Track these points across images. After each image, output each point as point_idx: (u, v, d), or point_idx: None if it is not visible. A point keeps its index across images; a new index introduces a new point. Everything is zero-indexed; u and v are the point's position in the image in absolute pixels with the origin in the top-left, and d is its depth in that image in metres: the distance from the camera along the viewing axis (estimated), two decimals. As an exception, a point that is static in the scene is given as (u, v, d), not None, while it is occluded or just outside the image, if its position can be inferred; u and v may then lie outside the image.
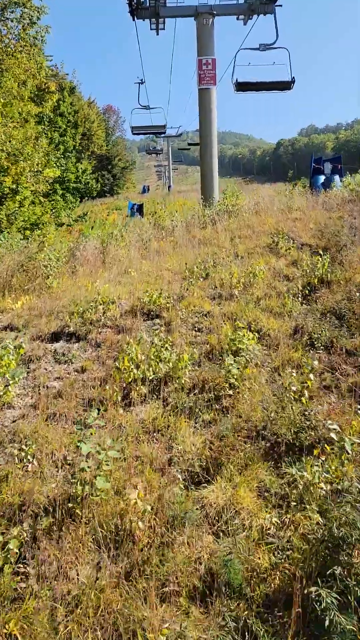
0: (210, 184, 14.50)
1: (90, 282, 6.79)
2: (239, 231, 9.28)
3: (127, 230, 9.58)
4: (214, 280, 6.72)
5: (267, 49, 13.16)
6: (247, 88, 12.97)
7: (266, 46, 13.17)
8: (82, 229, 28.98)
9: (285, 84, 13.24)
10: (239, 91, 12.95)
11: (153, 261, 8.20)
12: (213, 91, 14.25)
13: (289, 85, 13.30)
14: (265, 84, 13.06)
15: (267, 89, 13.26)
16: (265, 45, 13.17)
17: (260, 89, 13.19)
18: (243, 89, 12.99)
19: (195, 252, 8.37)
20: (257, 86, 13.07)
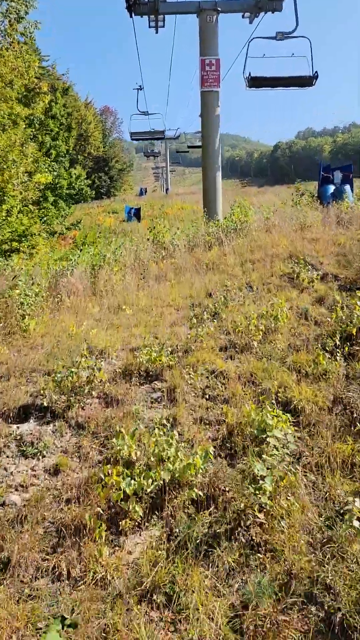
0: (214, 196, 13.36)
1: (75, 324, 5.62)
2: (249, 254, 8.13)
3: (121, 253, 8.39)
4: (225, 322, 5.57)
5: (286, 37, 11.81)
6: (262, 84, 11.59)
7: (284, 35, 11.80)
8: (76, 234, 27.78)
9: (306, 79, 11.84)
10: (251, 87, 11.58)
11: (152, 291, 7.04)
12: (217, 94, 13.12)
13: (310, 81, 11.87)
14: (283, 80, 11.71)
15: (284, 85, 11.90)
16: (283, 33, 11.79)
17: (277, 84, 11.83)
18: (257, 85, 11.63)
19: (201, 281, 7.21)
20: (273, 82, 11.70)
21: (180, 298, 6.48)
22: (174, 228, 12.38)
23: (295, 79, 11.83)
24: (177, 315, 6.05)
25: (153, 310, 6.12)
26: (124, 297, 6.59)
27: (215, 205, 13.35)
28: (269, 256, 7.88)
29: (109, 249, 8.18)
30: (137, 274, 8.32)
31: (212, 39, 12.81)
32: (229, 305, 6.01)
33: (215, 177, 13.30)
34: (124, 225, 32.51)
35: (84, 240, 16.76)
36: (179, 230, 10.12)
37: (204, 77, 12.93)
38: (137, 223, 34.35)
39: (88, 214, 42.76)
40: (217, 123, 13.17)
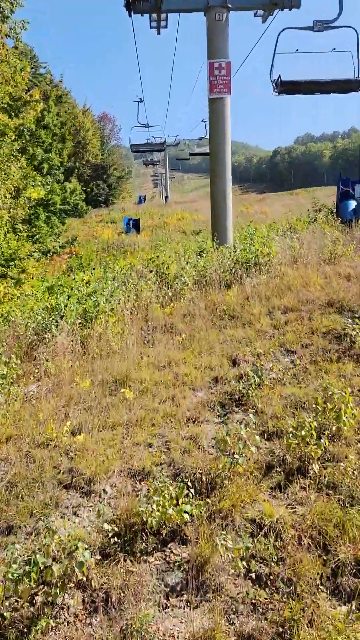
0: (224, 219, 11.83)
1: (56, 417, 4.06)
2: (277, 298, 6.59)
3: (119, 301, 6.79)
4: (262, 416, 4.03)
5: (326, 28, 9.59)
6: (294, 89, 9.55)
7: (324, 24, 9.56)
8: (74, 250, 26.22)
9: (353, 84, 9.61)
10: (281, 93, 9.55)
11: (159, 353, 5.48)
12: (227, 101, 11.65)
13: (355, 86, 9.63)
14: (323, 84, 9.51)
15: (324, 91, 9.80)
16: (323, 22, 9.55)
17: (314, 90, 9.75)
18: (288, 91, 9.60)
19: (221, 338, 5.67)
20: (309, 87, 9.61)
21: (196, 370, 4.93)
22: (180, 256, 10.88)
23: (338, 83, 9.64)
24: (194, 398, 4.50)
25: (161, 391, 4.57)
26: (123, 368, 5.03)
27: (226, 229, 11.81)
28: (303, 303, 6.33)
29: (103, 293, 6.62)
30: (139, 321, 6.77)
31: (221, 39, 11.36)
32: (264, 384, 4.46)
33: (226, 195, 11.79)
34: (122, 238, 31.07)
35: (79, 263, 15.26)
36: (187, 265, 8.57)
37: (212, 83, 11.47)
38: (136, 235, 32.96)
39: (85, 223, 41.37)
40: (227, 133, 11.70)
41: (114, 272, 10.75)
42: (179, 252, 14.78)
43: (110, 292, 6.89)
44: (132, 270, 11.35)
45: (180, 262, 8.87)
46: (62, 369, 5.32)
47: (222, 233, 11.77)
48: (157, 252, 15.68)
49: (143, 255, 18.30)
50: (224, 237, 11.81)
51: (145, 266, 12.97)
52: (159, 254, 9.99)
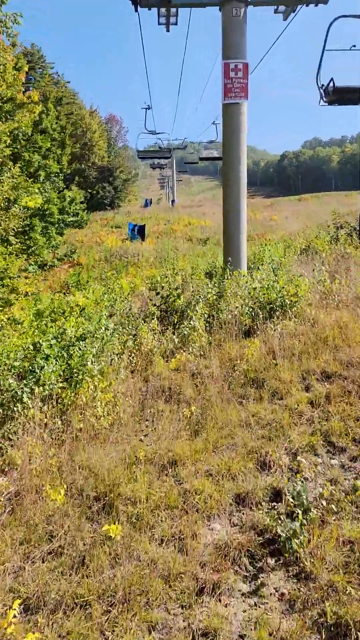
0: (237, 239, 10.44)
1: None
2: (312, 357, 5.23)
3: (111, 361, 5.41)
4: (313, 584, 2.68)
5: None
6: (351, 98, 8.24)
7: None
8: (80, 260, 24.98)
9: None
10: (332, 103, 8.24)
11: (159, 436, 4.14)
12: (244, 107, 10.32)
13: None
14: None
15: None
16: None
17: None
18: (341, 100, 8.33)
19: (241, 417, 4.32)
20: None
21: (210, 481, 3.57)
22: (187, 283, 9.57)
23: None
24: (209, 535, 3.13)
25: (162, 520, 3.22)
26: (111, 469, 3.68)
27: (239, 252, 10.42)
28: (345, 365, 4.97)
29: (92, 347, 5.25)
30: (138, 381, 5.43)
31: (238, 37, 10.04)
32: (311, 518, 3.09)
33: (239, 214, 10.41)
34: (127, 245, 29.78)
35: (76, 281, 13.92)
36: (197, 301, 7.21)
37: (227, 86, 10.15)
38: (141, 242, 31.72)
39: (90, 227, 40.17)
40: (242, 144, 10.37)
41: (112, 299, 9.43)
42: (187, 272, 13.45)
43: (102, 345, 5.53)
44: (132, 299, 10.04)
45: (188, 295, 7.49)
46: (33, 455, 4.00)
47: (235, 255, 10.41)
48: (165, 268, 14.38)
49: (146, 273, 17.02)
50: (237, 260, 10.45)
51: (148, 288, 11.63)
52: (164, 283, 8.67)
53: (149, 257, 24.32)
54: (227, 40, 10.14)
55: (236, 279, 8.48)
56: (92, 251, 27.37)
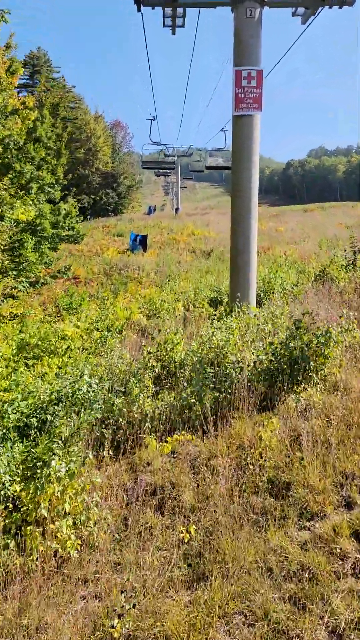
0: (246, 269, 9.17)
1: None
2: (348, 447, 4.02)
3: (83, 462, 4.14)
4: None
5: None
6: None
7: None
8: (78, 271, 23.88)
9: None
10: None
11: (147, 589, 2.94)
12: (257, 120, 9.18)
13: None
14: None
15: None
16: None
17: None
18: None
19: (259, 554, 3.12)
20: None
21: None
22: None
23: None
24: None
25: None
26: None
27: (248, 284, 9.17)
28: None
29: (61, 433, 4.03)
30: (123, 474, 4.21)
31: (252, 42, 8.93)
32: None
33: (249, 240, 9.17)
34: (127, 257, 28.63)
35: (68, 303, 12.73)
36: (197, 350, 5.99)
37: (238, 96, 9.01)
38: (143, 253, 30.60)
39: (90, 236, 39.13)
40: (254, 160, 9.21)
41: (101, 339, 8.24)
42: (189, 296, 12.26)
43: (77, 424, 4.31)
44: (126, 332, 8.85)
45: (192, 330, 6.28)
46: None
47: (242, 287, 9.19)
48: (164, 292, 13.18)
49: (145, 292, 15.86)
50: (246, 290, 9.23)
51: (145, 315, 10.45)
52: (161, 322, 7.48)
53: (149, 272, 23.17)
54: (240, 45, 9.02)
55: (245, 319, 7.28)
56: (91, 263, 26.25)
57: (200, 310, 10.58)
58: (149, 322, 10.68)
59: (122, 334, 8.85)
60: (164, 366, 6.23)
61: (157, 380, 6.06)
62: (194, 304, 11.41)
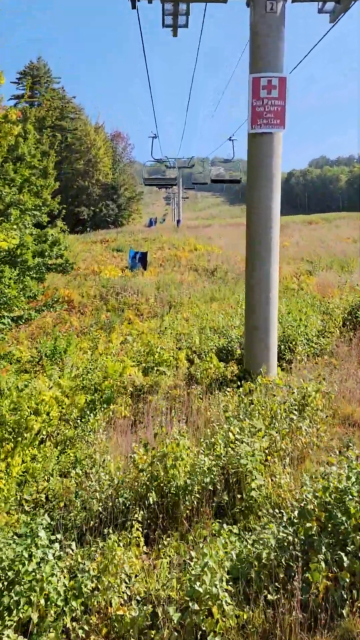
0: (265, 327, 7.32)
1: None
2: None
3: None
4: None
5: None
6: None
7: None
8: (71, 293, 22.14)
9: None
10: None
11: None
12: (278, 138, 7.42)
13: None
14: None
15: None
16: None
17: None
18: None
19: None
20: None
21: None
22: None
23: None
24: None
25: None
26: None
27: (267, 344, 7.32)
28: None
29: None
30: None
31: (273, 42, 7.21)
32: None
33: (270, 283, 7.34)
34: (126, 276, 26.86)
35: (51, 348, 10.87)
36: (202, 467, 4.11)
37: (256, 109, 7.25)
38: (143, 272, 28.88)
39: (89, 251, 37.48)
40: (276, 185, 7.42)
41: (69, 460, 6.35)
42: (193, 342, 10.40)
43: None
44: (107, 434, 6.93)
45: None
46: None
47: (258, 348, 7.34)
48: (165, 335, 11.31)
49: (143, 327, 14.00)
50: (264, 356, 7.37)
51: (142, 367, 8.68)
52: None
53: (149, 296, 21.34)
54: (257, 47, 7.27)
55: (270, 405, 5.42)
56: (87, 284, 24.50)
57: (207, 364, 8.72)
58: (146, 379, 8.82)
59: (110, 406, 6.98)
60: (162, 491, 4.36)
61: (152, 516, 4.18)
62: (200, 354, 9.56)
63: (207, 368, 8.54)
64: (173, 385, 8.45)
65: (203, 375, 8.33)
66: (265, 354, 7.35)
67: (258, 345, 7.36)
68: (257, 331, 7.39)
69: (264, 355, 7.34)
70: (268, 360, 7.43)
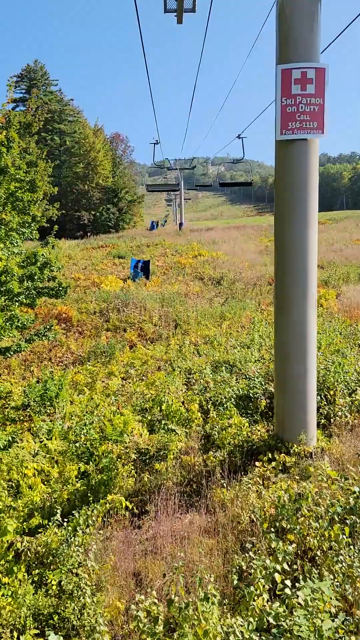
0: (302, 385, 5.78)
1: None
2: None
3: None
4: None
5: None
6: None
7: None
8: (68, 311, 20.64)
9: None
10: None
11: None
12: (315, 145, 5.88)
13: None
14: None
15: None
16: None
17: None
18: None
19: None
20: None
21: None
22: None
23: None
24: None
25: None
26: None
27: (305, 405, 5.78)
28: None
29: None
30: None
31: (307, 24, 5.66)
32: None
33: (307, 336, 5.73)
34: (128, 288, 25.30)
35: (40, 393, 9.34)
36: None
37: (286, 110, 5.71)
38: (145, 282, 27.33)
39: (89, 259, 35.99)
40: (312, 210, 5.87)
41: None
42: (208, 388, 8.84)
43: None
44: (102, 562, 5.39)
45: None
46: None
47: (292, 409, 5.79)
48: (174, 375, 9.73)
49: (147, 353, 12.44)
50: (300, 421, 5.83)
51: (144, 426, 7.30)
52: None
53: (152, 312, 19.77)
54: (287, 29, 5.70)
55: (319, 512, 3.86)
56: (87, 297, 22.97)
57: (226, 420, 7.17)
58: (152, 437, 7.27)
59: (106, 496, 5.40)
60: None
61: None
62: (215, 402, 8.00)
63: (226, 426, 6.99)
64: (185, 449, 6.91)
65: (222, 436, 6.78)
66: (301, 417, 5.80)
67: (292, 407, 5.80)
68: (291, 390, 5.83)
69: (300, 420, 5.79)
70: (306, 425, 5.87)
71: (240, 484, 5.17)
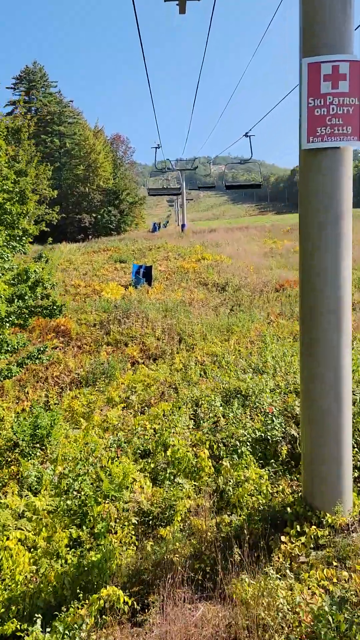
0: (336, 444, 4.78)
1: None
2: None
3: None
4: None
5: None
6: None
7: None
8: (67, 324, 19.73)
9: None
10: None
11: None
12: (349, 156, 4.88)
13: None
14: None
15: None
16: None
17: None
18: None
19: None
20: None
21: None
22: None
23: None
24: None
25: None
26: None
27: (341, 467, 4.77)
28: None
29: None
30: None
31: (340, 6, 4.67)
32: None
33: (341, 384, 4.76)
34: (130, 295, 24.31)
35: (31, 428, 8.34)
36: None
37: (314, 112, 4.72)
38: (147, 288, 26.35)
39: (90, 263, 35.03)
40: (346, 233, 4.88)
41: None
42: (220, 429, 7.82)
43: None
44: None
45: None
46: None
47: (324, 473, 4.80)
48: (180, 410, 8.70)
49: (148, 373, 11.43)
50: (334, 487, 4.84)
51: None
52: None
53: (155, 324, 18.74)
54: (314, 14, 4.70)
55: None
56: (87, 306, 21.98)
57: (242, 471, 6.17)
58: (156, 493, 6.27)
59: (97, 600, 4.35)
60: None
61: None
62: (228, 446, 7.01)
63: (242, 481, 5.99)
64: (194, 508, 5.91)
65: (238, 494, 5.78)
66: (336, 482, 4.80)
67: (323, 470, 4.80)
68: (324, 448, 4.83)
69: (334, 485, 4.79)
70: (341, 491, 4.86)
71: (265, 578, 4.17)
